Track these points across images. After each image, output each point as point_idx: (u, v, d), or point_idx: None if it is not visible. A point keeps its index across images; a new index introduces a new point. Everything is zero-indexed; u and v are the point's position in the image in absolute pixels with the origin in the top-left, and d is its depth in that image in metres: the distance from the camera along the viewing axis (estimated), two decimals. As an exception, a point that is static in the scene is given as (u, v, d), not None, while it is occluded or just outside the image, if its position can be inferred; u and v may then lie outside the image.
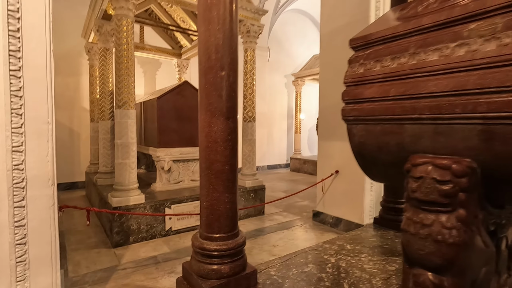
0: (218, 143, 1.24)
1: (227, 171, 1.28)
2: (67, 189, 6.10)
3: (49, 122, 1.53)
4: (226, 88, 1.26)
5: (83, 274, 2.56)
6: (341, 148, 3.73)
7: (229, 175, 1.29)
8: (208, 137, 1.26)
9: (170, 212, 3.49)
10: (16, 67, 1.40)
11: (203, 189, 1.31)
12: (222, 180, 1.27)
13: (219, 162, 1.26)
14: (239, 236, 1.35)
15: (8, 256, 1.41)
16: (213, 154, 1.26)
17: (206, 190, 1.28)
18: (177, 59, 6.40)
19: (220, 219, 1.28)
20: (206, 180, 1.29)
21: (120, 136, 3.23)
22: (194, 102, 4.16)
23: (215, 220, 1.28)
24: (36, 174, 1.49)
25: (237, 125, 1.34)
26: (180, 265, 2.74)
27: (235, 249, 1.29)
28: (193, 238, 1.39)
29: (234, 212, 1.34)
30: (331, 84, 3.87)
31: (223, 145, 1.25)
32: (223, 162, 1.26)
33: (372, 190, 3.54)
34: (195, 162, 4.23)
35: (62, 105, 5.98)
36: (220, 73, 1.24)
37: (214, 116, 1.24)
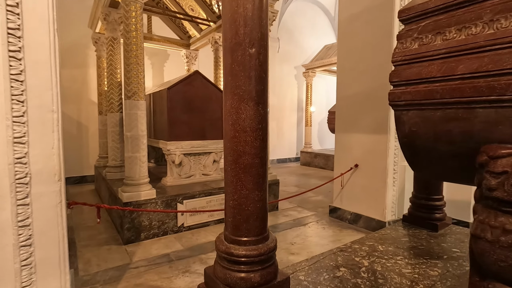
0: (247, 132, 1.07)
1: (257, 165, 1.10)
2: (76, 183, 6.03)
3: (54, 110, 1.37)
4: (256, 68, 1.08)
5: (94, 273, 2.45)
6: (361, 141, 3.52)
7: (260, 169, 1.12)
8: (235, 125, 1.09)
9: (182, 207, 3.35)
10: (16, 47, 1.24)
11: (229, 185, 1.14)
12: (251, 175, 1.09)
13: (248, 155, 1.08)
14: (269, 239, 1.19)
15: (12, 259, 1.27)
16: (242, 145, 1.08)
17: (233, 187, 1.11)
18: (186, 50, 6.21)
19: (249, 220, 1.11)
20: (232, 176, 1.12)
21: (129, 129, 3.08)
22: (205, 93, 3.99)
23: (243, 222, 1.11)
24: (41, 169, 1.33)
25: (267, 112, 1.15)
26: (194, 263, 2.61)
27: (266, 254, 1.12)
28: (217, 240, 1.23)
29: (264, 212, 1.17)
30: (350, 73, 3.64)
31: (253, 135, 1.07)
32: (252, 155, 1.08)
33: (395, 185, 3.34)
34: (206, 155, 4.08)
35: (69, 98, 5.88)
36: (249, 51, 1.06)
37: (243, 101, 1.06)
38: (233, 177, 1.11)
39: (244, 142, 1.07)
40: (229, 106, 1.10)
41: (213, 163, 4.17)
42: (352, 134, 3.65)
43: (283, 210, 4.31)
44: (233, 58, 1.07)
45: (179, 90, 3.79)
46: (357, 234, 3.34)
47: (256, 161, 1.10)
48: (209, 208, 3.57)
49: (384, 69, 3.21)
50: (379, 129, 3.31)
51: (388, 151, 3.25)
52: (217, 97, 4.12)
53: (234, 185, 1.11)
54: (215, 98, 4.10)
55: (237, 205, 1.11)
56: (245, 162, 1.08)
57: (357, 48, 3.53)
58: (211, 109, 4.06)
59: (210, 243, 3.06)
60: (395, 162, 3.32)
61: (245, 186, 1.09)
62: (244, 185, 1.09)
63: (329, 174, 7.73)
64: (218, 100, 4.13)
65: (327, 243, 3.12)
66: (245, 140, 1.07)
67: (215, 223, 3.62)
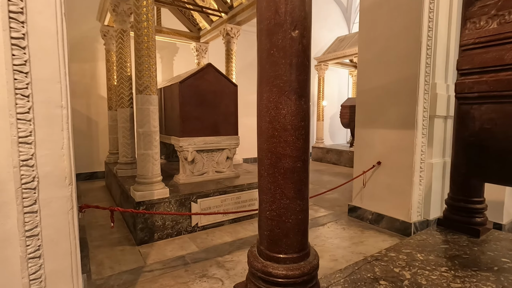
0: (288, 131, 0.90)
1: (299, 170, 0.94)
2: (86, 179, 5.98)
3: (64, 106, 1.22)
4: (299, 53, 0.90)
5: (107, 276, 2.33)
6: (385, 137, 3.31)
7: (302, 174, 0.95)
8: (274, 122, 0.92)
9: (196, 207, 3.22)
10: (19, 34, 1.08)
11: (265, 193, 0.97)
12: (292, 181, 0.93)
13: (289, 158, 0.92)
14: (311, 256, 1.02)
15: (19, 273, 1.14)
16: (282, 146, 0.91)
17: (270, 196, 0.95)
18: (196, 43, 6.03)
19: (289, 234, 0.94)
20: (270, 182, 0.95)
21: (141, 125, 2.94)
22: (218, 87, 3.82)
23: (283, 236, 0.95)
24: (50, 171, 1.19)
25: (309, 107, 0.98)
26: (211, 267, 2.47)
27: (309, 274, 0.96)
28: (250, 255, 1.07)
29: (306, 225, 1.00)
30: (373, 65, 3.42)
31: (295, 134, 0.90)
32: (294, 158, 0.92)
33: (421, 184, 3.13)
34: (220, 152, 3.93)
35: (78, 93, 5.79)
36: (291, 33, 0.88)
37: (283, 94, 0.89)
38: (270, 183, 0.95)
39: (284, 142, 0.91)
40: (266, 100, 0.93)
41: (227, 160, 4.02)
42: (374, 130, 3.44)
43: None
44: (271, 42, 0.90)
45: (192, 84, 3.63)
46: (380, 235, 3.16)
47: (298, 164, 0.93)
48: (224, 207, 3.43)
49: (412, 59, 2.98)
50: (405, 124, 3.10)
51: (414, 148, 3.04)
52: (230, 91, 3.95)
53: (272, 194, 0.94)
54: (228, 92, 3.93)
55: (276, 217, 0.95)
56: (285, 166, 0.91)
57: (381, 37, 3.29)
58: (224, 104, 3.89)
59: (226, 245, 2.92)
60: (422, 160, 3.11)
61: (285, 194, 0.93)
62: (284, 194, 0.93)
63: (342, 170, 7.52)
64: (232, 95, 3.96)
65: (349, 245, 2.95)
66: (286, 140, 0.90)
67: (229, 223, 3.48)
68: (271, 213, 0.96)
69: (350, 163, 7.73)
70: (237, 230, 3.29)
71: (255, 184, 3.70)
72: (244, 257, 2.65)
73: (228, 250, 2.79)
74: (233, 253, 2.73)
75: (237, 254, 2.71)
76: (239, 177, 4.03)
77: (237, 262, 2.55)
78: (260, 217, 1.03)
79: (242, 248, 2.83)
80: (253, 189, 3.66)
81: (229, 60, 5.08)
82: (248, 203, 3.63)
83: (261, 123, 0.96)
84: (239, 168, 4.66)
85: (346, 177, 6.18)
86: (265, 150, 0.95)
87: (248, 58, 7.98)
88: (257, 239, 1.10)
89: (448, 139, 3.34)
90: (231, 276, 2.33)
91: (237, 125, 4.04)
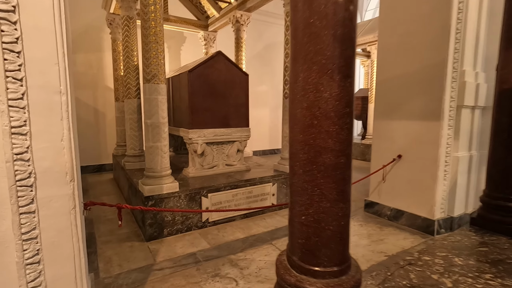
0: (330, 119, 0.73)
1: (342, 167, 0.77)
2: (94, 171, 5.92)
3: (63, 91, 1.06)
4: (345, 23, 0.73)
5: (115, 275, 2.23)
6: (406, 129, 3.10)
7: (345, 172, 0.79)
8: (314, 108, 0.75)
9: (207, 201, 3.09)
10: (8, 6, 0.93)
11: (299, 194, 0.81)
12: (335, 180, 0.76)
13: (331, 152, 0.75)
14: (353, 268, 0.87)
15: (17, 281, 1.01)
16: (322, 137, 0.75)
17: (307, 197, 0.79)
18: (204, 32, 5.83)
19: (330, 243, 0.79)
20: (306, 181, 0.79)
21: (149, 116, 2.80)
22: (228, 76, 3.64)
23: (322, 246, 0.79)
24: (49, 167, 1.05)
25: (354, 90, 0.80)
26: (223, 265, 2.35)
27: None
28: (280, 266, 0.92)
29: (348, 232, 0.84)
30: (395, 51, 3.18)
31: (339, 122, 0.74)
32: (337, 152, 0.75)
33: (446, 179, 2.93)
34: (230, 144, 3.78)
35: (85, 84, 5.68)
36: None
37: (325, 73, 0.72)
38: (307, 183, 0.78)
39: (326, 133, 0.74)
40: (303, 82, 0.76)
41: (237, 153, 3.87)
42: (394, 122, 3.23)
43: (312, 203, 3.99)
44: (312, 8, 0.72)
45: (201, 73, 3.46)
46: (401, 232, 2.98)
47: (342, 160, 0.77)
48: (235, 202, 3.30)
49: (440, 44, 2.75)
50: (430, 114, 2.88)
51: (440, 140, 2.83)
52: (241, 80, 3.77)
53: (308, 195, 0.78)
54: (239, 82, 3.75)
55: (313, 223, 0.79)
56: (326, 162, 0.75)
57: (405, 22, 3.05)
58: (234, 94, 3.72)
59: (239, 241, 2.79)
60: (447, 153, 2.90)
61: (325, 196, 0.76)
62: (324, 195, 0.76)
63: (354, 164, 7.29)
64: (242, 84, 3.78)
65: (368, 244, 2.79)
66: (328, 130, 0.74)
67: (241, 218, 3.35)
68: (307, 218, 0.80)
69: (362, 156, 7.51)
70: (249, 226, 3.16)
71: (267, 178, 3.54)
72: (258, 255, 2.52)
73: (241, 248, 2.66)
74: (246, 251, 2.60)
75: (250, 251, 2.58)
76: (250, 170, 3.88)
77: (251, 261, 2.42)
78: (292, 222, 0.87)
79: (255, 246, 2.70)
80: (265, 183, 3.51)
81: (238, 49, 4.88)
82: (260, 198, 3.49)
83: (295, 109, 0.79)
84: (249, 161, 4.51)
85: (359, 170, 5.98)
86: (300, 143, 0.78)
87: (257, 48, 7.75)
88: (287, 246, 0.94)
89: (475, 131, 3.11)
90: (245, 276, 2.20)
91: (248, 117, 3.87)
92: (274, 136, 8.42)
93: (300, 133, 0.78)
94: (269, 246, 2.68)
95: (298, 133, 0.79)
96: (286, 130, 3.78)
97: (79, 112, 5.67)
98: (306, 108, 0.76)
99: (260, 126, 7.87)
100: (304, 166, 0.78)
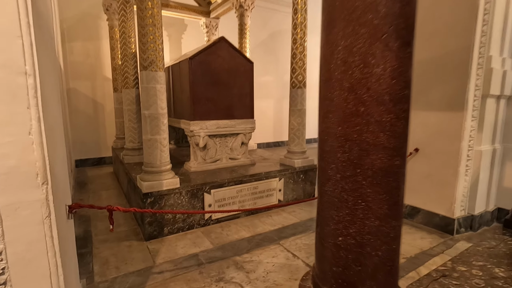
0: (384, 104, 0.50)
1: (396, 171, 0.56)
2: (94, 165, 5.75)
3: (29, 72, 0.85)
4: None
5: (111, 279, 2.06)
6: (424, 120, 2.87)
7: (400, 178, 0.57)
8: (360, 89, 0.52)
9: (209, 198, 2.90)
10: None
11: (334, 207, 0.60)
12: (387, 190, 0.55)
13: (384, 151, 0.53)
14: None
15: (-24, 308, 0.82)
16: (371, 130, 0.52)
17: (346, 212, 0.57)
18: (205, 18, 5.56)
19: (377, 274, 0.58)
20: (346, 190, 0.57)
21: (147, 106, 2.59)
22: (232, 64, 3.41)
23: (366, 277, 0.58)
24: (14, 166, 0.85)
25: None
26: (228, 268, 2.17)
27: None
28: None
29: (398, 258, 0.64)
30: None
31: (395, 110, 0.51)
32: (391, 151, 0.53)
33: (467, 174, 2.71)
34: (234, 137, 3.57)
35: (83, 74, 5.46)
36: None
37: (378, 39, 0.49)
38: (348, 192, 0.56)
39: (377, 124, 0.52)
40: (345, 52, 0.52)
41: (241, 146, 3.66)
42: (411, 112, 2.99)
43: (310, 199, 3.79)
44: None
45: (203, 61, 3.23)
46: (417, 231, 2.78)
47: (397, 162, 0.55)
48: (240, 199, 3.11)
49: (465, 27, 2.49)
50: (452, 105, 2.65)
51: (463, 133, 2.60)
52: (246, 69, 3.53)
53: (350, 209, 0.56)
54: (244, 71, 3.51)
55: (355, 247, 0.58)
56: (376, 164, 0.53)
57: (424, 4, 2.78)
58: (239, 83, 3.49)
59: (244, 241, 2.61)
60: (470, 147, 2.67)
61: (373, 211, 0.55)
62: (371, 210, 0.55)
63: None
64: (247, 73, 3.55)
65: (383, 244, 2.60)
66: (380, 120, 0.51)
67: (246, 215, 3.17)
68: (346, 240, 0.58)
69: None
70: (254, 224, 2.97)
71: (273, 173, 3.34)
72: (265, 257, 2.34)
73: (247, 248, 2.48)
74: (252, 252, 2.42)
75: (257, 253, 2.40)
76: (255, 164, 3.68)
77: (258, 263, 2.24)
78: (322, 243, 0.66)
79: (262, 246, 2.52)
80: (271, 178, 3.31)
81: (242, 36, 4.62)
82: (266, 194, 3.30)
83: (330, 91, 0.57)
84: (254, 155, 4.31)
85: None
86: (338, 138, 0.56)
87: (261, 36, 7.44)
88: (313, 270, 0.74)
89: (500, 123, 2.88)
90: (252, 281, 2.02)
91: (253, 108, 3.65)
92: (278, 128, 8.19)
93: (339, 124, 0.56)
94: (277, 247, 2.50)
95: (335, 125, 0.57)
96: (294, 122, 3.56)
97: (77, 103, 5.47)
98: (349, 89, 0.53)
99: (264, 117, 7.64)
100: (344, 170, 0.57)
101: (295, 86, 3.48)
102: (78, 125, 5.48)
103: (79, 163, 5.56)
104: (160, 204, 2.64)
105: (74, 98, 5.44)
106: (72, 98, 5.40)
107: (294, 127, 3.56)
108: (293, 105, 3.53)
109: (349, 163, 0.57)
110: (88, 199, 3.77)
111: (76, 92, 5.45)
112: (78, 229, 2.86)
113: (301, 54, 3.41)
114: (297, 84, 3.47)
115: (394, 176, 0.57)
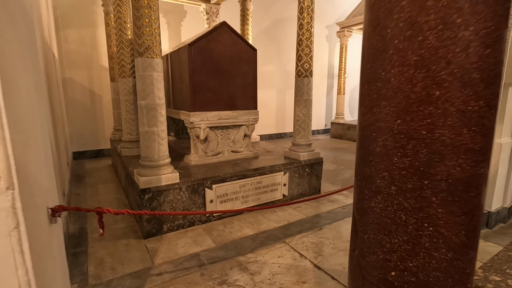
0: (471, 85, 0.34)
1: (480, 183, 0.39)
2: (93, 157, 5.60)
3: (-17, 50, 0.67)
4: None
5: (107, 281, 1.92)
6: (440, 111, 2.69)
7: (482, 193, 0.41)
8: (434, 64, 0.36)
9: (211, 193, 2.75)
10: None
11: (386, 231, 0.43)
12: (467, 210, 0.38)
13: (466, 154, 0.37)
14: None
15: None
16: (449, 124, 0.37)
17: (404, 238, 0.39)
18: (206, 4, 5.31)
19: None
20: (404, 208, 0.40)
21: (144, 96, 2.41)
22: (234, 51, 3.20)
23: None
24: (-32, 168, 0.68)
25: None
26: (232, 269, 2.03)
27: None
28: None
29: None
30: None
31: (485, 94, 0.35)
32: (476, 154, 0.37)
33: (486, 169, 2.55)
34: (236, 129, 3.40)
35: (79, 63, 5.25)
36: None
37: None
38: (407, 212, 0.39)
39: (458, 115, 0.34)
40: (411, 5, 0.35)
41: (244, 138, 3.49)
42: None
43: (326, 193, 3.64)
44: None
45: (204, 48, 3.03)
46: (430, 229, 2.64)
47: (482, 170, 0.39)
48: (243, 194, 2.96)
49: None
50: (472, 94, 2.45)
51: (482, 125, 2.42)
52: (249, 56, 3.33)
53: (409, 235, 0.39)
54: (247, 58, 3.31)
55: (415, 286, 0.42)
56: (453, 174, 0.36)
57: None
58: (241, 72, 3.30)
59: (248, 239, 2.47)
60: (489, 139, 2.49)
61: (444, 238, 0.38)
62: (441, 236, 0.38)
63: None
64: (250, 61, 3.34)
65: (395, 242, 2.45)
66: (464, 109, 0.34)
67: (249, 211, 3.02)
68: (402, 276, 0.41)
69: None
70: (258, 220, 2.83)
71: (278, 167, 3.18)
72: (270, 257, 2.20)
73: (251, 247, 2.34)
74: (257, 251, 2.28)
75: (262, 252, 2.26)
76: (258, 157, 3.52)
77: (263, 264, 2.10)
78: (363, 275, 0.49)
79: (267, 244, 2.38)
80: (276, 172, 3.16)
81: (244, 22, 4.39)
82: (270, 188, 3.15)
83: (385, 69, 0.39)
84: (257, 147, 4.14)
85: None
86: (395, 135, 0.38)
87: (263, 24, 7.18)
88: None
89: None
90: (257, 284, 1.88)
91: (256, 98, 3.46)
92: (280, 120, 8.00)
93: (398, 115, 0.38)
94: (283, 245, 2.36)
95: (391, 117, 0.40)
96: (300, 113, 3.38)
97: (74, 94, 5.28)
98: (416, 64, 0.35)
99: (266, 108, 7.44)
100: (403, 181, 0.40)
101: (301, 75, 3.28)
102: (75, 116, 5.31)
103: (76, 155, 5.42)
104: (159, 201, 2.50)
105: (70, 89, 5.25)
106: (68, 89, 5.22)
107: (300, 118, 3.38)
108: (298, 95, 3.34)
109: (412, 171, 0.40)
110: (86, 193, 3.63)
111: (72, 82, 5.26)
112: (74, 226, 2.72)
113: (308, 41, 3.20)
114: (303, 73, 3.27)
115: (477, 190, 0.40)
